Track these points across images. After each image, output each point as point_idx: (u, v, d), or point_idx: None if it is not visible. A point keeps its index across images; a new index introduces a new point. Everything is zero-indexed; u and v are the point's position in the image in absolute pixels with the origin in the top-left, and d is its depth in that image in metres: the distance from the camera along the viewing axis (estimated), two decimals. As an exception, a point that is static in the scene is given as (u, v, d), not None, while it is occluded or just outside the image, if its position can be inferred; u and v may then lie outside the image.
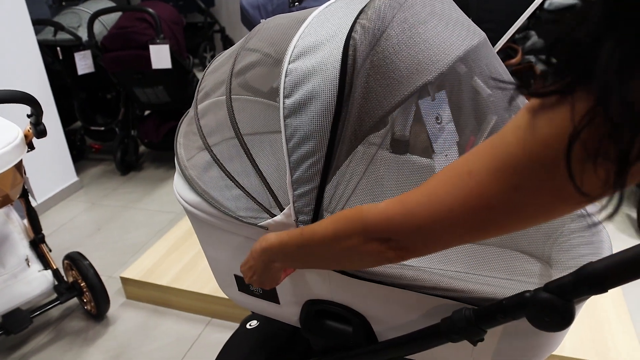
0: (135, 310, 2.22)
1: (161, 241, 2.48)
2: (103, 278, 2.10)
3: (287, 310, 1.10)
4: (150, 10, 3.01)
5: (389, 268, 0.90)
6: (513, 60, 2.70)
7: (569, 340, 1.73)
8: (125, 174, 3.56)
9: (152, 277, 2.22)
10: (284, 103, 0.87)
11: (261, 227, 0.98)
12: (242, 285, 1.14)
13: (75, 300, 2.20)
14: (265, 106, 1.24)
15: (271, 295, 1.10)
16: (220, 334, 2.05)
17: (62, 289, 2.05)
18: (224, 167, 1.05)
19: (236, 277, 1.14)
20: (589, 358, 1.67)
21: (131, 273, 2.26)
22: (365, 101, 0.84)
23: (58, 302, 2.03)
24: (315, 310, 1.04)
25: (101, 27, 3.35)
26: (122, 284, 2.29)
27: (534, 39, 3.65)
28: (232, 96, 1.04)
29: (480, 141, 1.16)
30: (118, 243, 2.74)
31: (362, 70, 0.83)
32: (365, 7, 0.86)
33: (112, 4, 3.59)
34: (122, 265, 2.52)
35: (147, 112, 3.66)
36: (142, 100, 3.37)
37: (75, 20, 3.44)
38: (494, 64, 1.11)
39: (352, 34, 0.83)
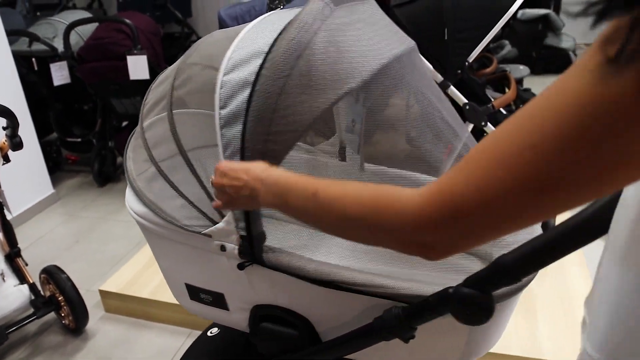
0: (115, 323, 2.19)
1: (140, 253, 2.45)
2: (81, 291, 2.07)
3: (237, 317, 1.12)
4: (127, 21, 3.00)
5: (322, 268, 0.93)
6: (488, 69, 2.75)
7: (548, 342, 1.76)
8: (102, 185, 3.52)
9: (131, 290, 2.19)
10: (219, 114, 0.91)
11: (205, 234, 1.01)
12: (193, 294, 1.17)
13: (52, 314, 2.16)
14: (206, 117, 1.27)
15: (221, 303, 1.12)
16: (202, 345, 2.03)
17: (39, 303, 2.02)
18: (168, 177, 1.09)
19: (187, 285, 1.16)
20: (566, 359, 1.70)
21: (110, 286, 2.23)
22: (292, 110, 0.86)
23: (35, 317, 1.99)
24: (261, 315, 1.07)
25: (77, 38, 3.32)
26: (101, 297, 2.26)
27: (507, 48, 3.73)
28: (173, 110, 1.08)
29: (458, 148, 1.17)
30: (96, 255, 2.71)
31: (289, 80, 0.86)
32: (292, 19, 0.90)
33: (89, 15, 3.56)
34: (101, 278, 2.49)
35: (124, 123, 3.63)
36: (119, 111, 3.34)
37: (51, 31, 3.40)
38: (426, 72, 1.17)
39: (274, 47, 0.88)
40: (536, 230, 1.06)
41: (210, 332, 1.53)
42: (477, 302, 0.74)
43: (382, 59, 0.93)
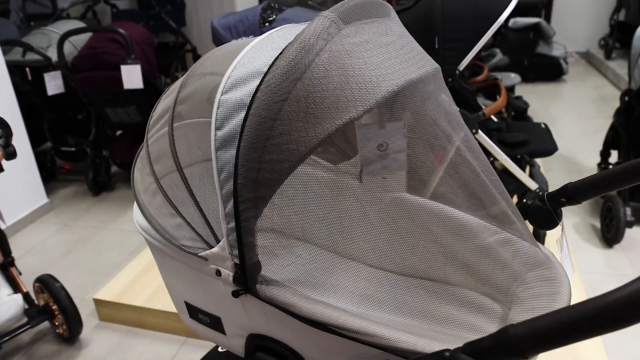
0: (109, 332, 2.19)
1: (134, 261, 2.46)
2: (75, 300, 2.07)
3: (233, 342, 1.08)
4: (121, 30, 3.02)
5: (315, 308, 0.87)
6: (479, 77, 2.78)
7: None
8: (97, 194, 3.52)
9: (125, 298, 2.19)
10: (215, 135, 0.86)
11: (201, 257, 0.96)
12: (193, 313, 1.12)
13: (46, 323, 2.16)
14: (205, 126, 1.22)
15: (218, 326, 1.08)
16: (196, 353, 2.03)
17: (33, 312, 2.01)
18: (167, 194, 1.04)
19: (187, 304, 1.12)
20: (559, 365, 1.71)
21: (104, 294, 2.24)
22: (287, 138, 0.80)
23: (29, 326, 1.99)
24: (256, 344, 1.02)
25: (71, 48, 3.34)
26: (96, 306, 2.26)
27: (499, 56, 3.77)
28: (174, 124, 1.02)
29: (450, 154, 1.16)
30: (91, 264, 2.71)
31: (285, 106, 0.79)
32: (295, 37, 0.82)
33: (82, 25, 3.58)
34: (95, 286, 2.49)
35: (118, 132, 3.64)
36: (113, 121, 3.35)
37: (45, 41, 3.41)
38: (444, 99, 1.07)
39: (272, 68, 0.80)
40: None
41: (220, 348, 1.49)
42: None
43: (391, 86, 0.84)
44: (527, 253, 1.07)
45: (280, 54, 0.80)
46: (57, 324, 2.11)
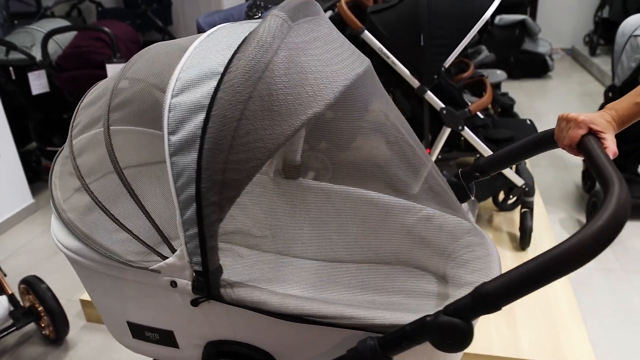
0: (97, 332, 2.18)
1: (122, 261, 2.44)
2: (62, 301, 2.05)
3: (188, 353, 1.04)
4: (106, 29, 2.99)
5: (287, 302, 0.87)
6: (465, 74, 2.79)
7: (526, 342, 1.79)
8: (83, 194, 3.49)
9: (113, 299, 2.18)
10: (169, 140, 0.82)
11: (153, 270, 0.93)
12: (137, 332, 1.08)
13: (32, 325, 2.14)
14: (150, 136, 1.17)
15: (169, 340, 1.04)
16: (184, 353, 2.03)
17: (19, 314, 1.99)
18: (107, 210, 1.00)
19: (129, 324, 1.07)
20: (545, 358, 1.73)
21: (91, 295, 2.22)
22: (254, 136, 0.79)
23: (14, 328, 1.97)
24: (216, 351, 1.00)
25: (56, 47, 3.30)
26: (82, 307, 2.24)
27: (485, 53, 3.79)
28: (110, 130, 0.98)
29: (436, 151, 1.20)
30: (77, 265, 2.68)
31: (249, 104, 0.79)
32: (248, 36, 0.82)
33: (67, 23, 3.54)
34: (82, 287, 2.47)
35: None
36: (99, 120, 3.32)
37: (29, 40, 3.38)
38: (383, 91, 1.12)
39: (231, 67, 0.79)
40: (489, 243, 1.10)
41: None
42: (457, 331, 0.73)
43: (345, 80, 0.87)
44: (452, 224, 1.19)
45: (236, 53, 0.80)
46: (43, 325, 2.09)
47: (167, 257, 0.91)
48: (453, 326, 0.73)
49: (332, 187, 1.33)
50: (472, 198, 1.21)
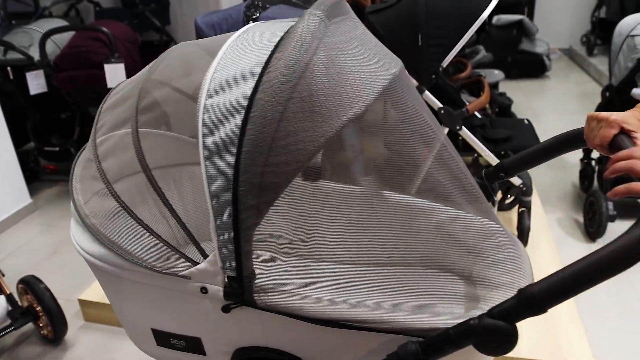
0: (95, 332, 2.18)
1: (120, 261, 2.44)
2: (60, 301, 2.05)
3: None
4: (104, 29, 2.99)
5: (324, 307, 0.85)
6: (463, 74, 2.80)
7: (526, 342, 1.80)
8: (81, 194, 3.49)
9: (111, 298, 2.18)
10: (203, 142, 0.79)
11: (183, 276, 0.91)
12: (162, 339, 1.05)
13: (30, 325, 2.14)
14: (181, 142, 1.16)
15: (196, 347, 1.02)
16: (183, 352, 2.03)
17: (17, 314, 1.99)
18: (135, 215, 0.97)
19: (154, 331, 1.05)
20: (544, 358, 1.73)
21: (90, 295, 2.22)
22: (294, 138, 0.77)
23: (12, 328, 1.97)
24: (246, 358, 0.98)
25: (54, 47, 3.30)
26: (81, 307, 2.24)
27: (482, 53, 3.80)
28: (139, 135, 0.95)
29: (435, 151, 1.19)
30: (75, 265, 2.68)
31: (289, 105, 0.76)
32: (285, 34, 0.80)
33: (65, 23, 3.54)
34: (80, 287, 2.47)
35: (103, 132, 3.60)
36: (97, 120, 3.32)
37: (27, 40, 3.37)
38: (414, 89, 1.12)
39: (270, 68, 0.77)
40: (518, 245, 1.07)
41: None
42: (502, 333, 0.72)
43: (383, 81, 0.86)
44: (480, 225, 1.18)
45: (274, 52, 0.78)
46: (41, 325, 2.09)
47: (198, 263, 0.89)
48: (498, 329, 0.72)
49: (354, 189, 1.31)
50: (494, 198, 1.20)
